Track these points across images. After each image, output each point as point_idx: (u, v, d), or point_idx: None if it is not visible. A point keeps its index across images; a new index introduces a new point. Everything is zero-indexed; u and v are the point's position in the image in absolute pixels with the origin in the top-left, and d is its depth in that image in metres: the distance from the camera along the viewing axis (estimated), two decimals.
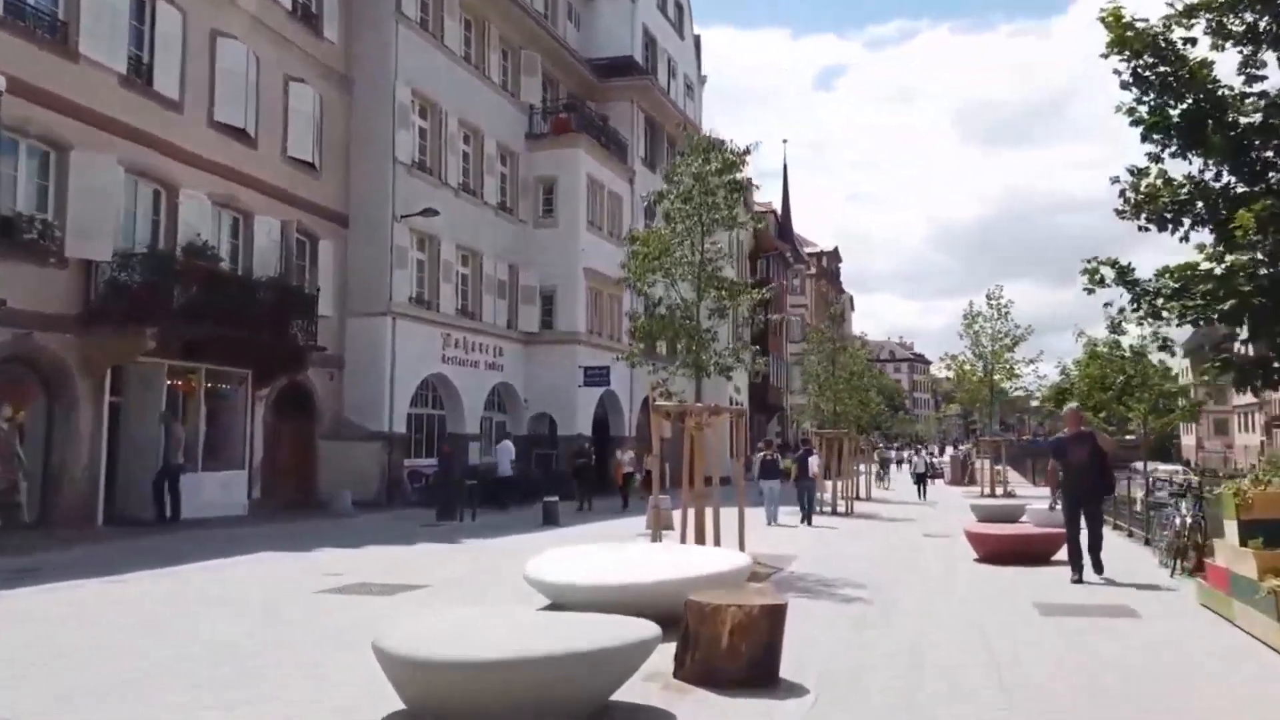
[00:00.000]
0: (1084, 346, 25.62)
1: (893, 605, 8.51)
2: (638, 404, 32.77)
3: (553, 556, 7.56)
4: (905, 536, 16.27)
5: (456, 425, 25.36)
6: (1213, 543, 10.44)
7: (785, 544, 14.50)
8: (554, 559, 7.46)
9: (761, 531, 16.96)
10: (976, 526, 13.20)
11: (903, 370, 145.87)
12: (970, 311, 32.50)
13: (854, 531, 17.34)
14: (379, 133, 22.63)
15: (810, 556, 12.68)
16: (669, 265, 11.80)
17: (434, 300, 24.34)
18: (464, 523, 17.50)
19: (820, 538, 15.92)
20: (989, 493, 30.15)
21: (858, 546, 14.46)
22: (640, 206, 32.82)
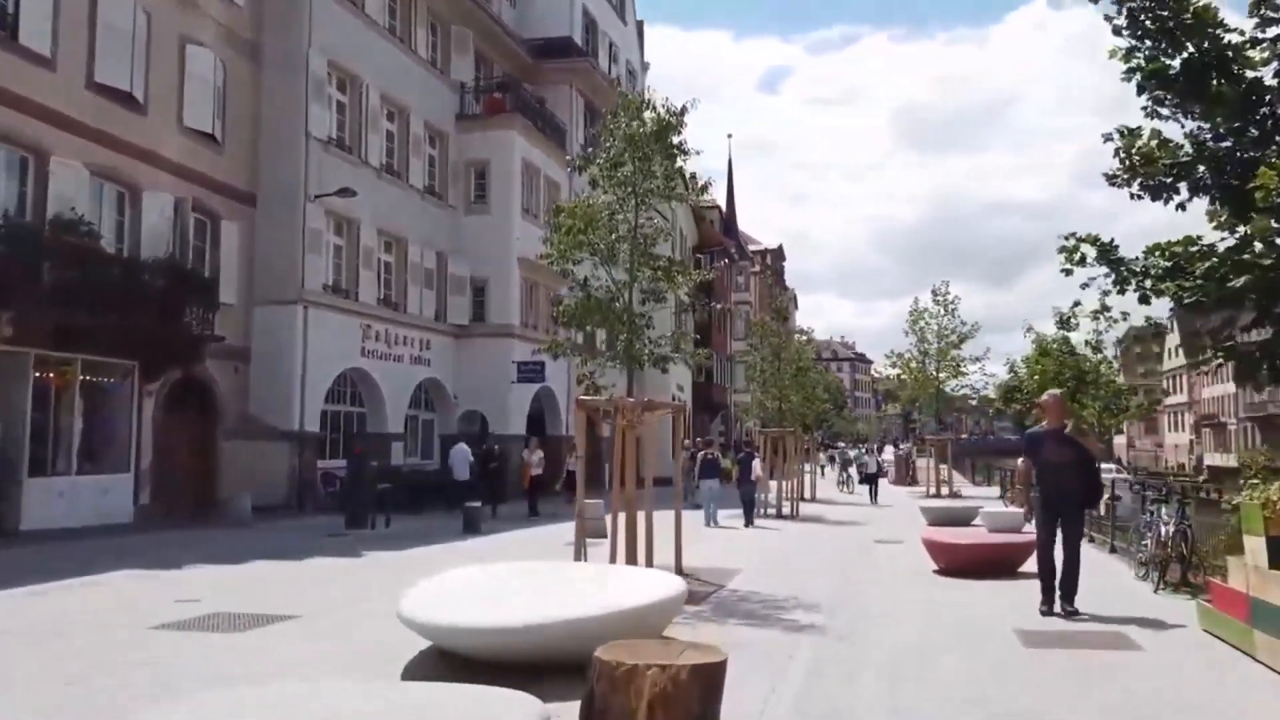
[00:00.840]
0: (1033, 343, 25.06)
1: (855, 636, 7.21)
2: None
3: (440, 585, 6.08)
4: (856, 543, 15.11)
5: (378, 424, 23.59)
6: (1206, 557, 9.51)
7: (728, 553, 13.20)
8: (441, 589, 5.98)
9: (702, 537, 15.70)
10: (933, 533, 12.04)
11: (844, 369, 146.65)
12: (916, 308, 31.79)
13: (801, 537, 16.13)
14: (291, 106, 20.76)
15: (755, 568, 11.38)
16: (597, 240, 10.37)
17: (353, 289, 22.54)
18: (375, 531, 15.84)
19: (766, 545, 14.67)
20: (935, 493, 29.37)
21: (807, 556, 13.21)
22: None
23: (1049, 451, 8.23)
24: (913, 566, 11.50)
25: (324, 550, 12.93)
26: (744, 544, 14.75)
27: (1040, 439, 8.44)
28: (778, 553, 13.50)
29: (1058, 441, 8.22)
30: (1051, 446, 8.23)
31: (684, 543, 14.45)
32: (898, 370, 32.28)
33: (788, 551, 13.72)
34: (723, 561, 11.95)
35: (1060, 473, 8.12)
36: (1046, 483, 8.29)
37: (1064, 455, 8.14)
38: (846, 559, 12.71)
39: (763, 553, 13.44)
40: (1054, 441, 8.25)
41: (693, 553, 12.70)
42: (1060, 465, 8.13)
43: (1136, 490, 12.66)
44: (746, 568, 11.40)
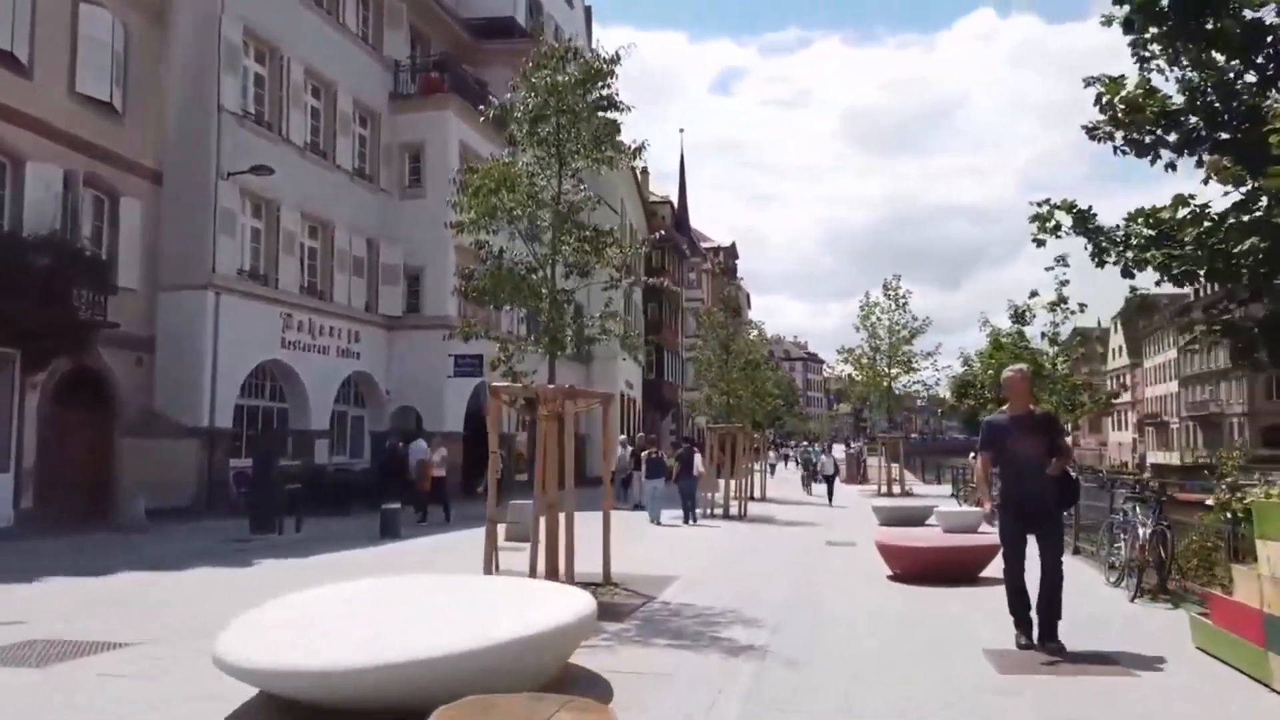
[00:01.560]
0: (988, 336, 24.37)
1: (801, 662, 6.12)
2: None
3: (275, 616, 4.83)
4: (805, 545, 14.10)
5: (301, 419, 22.05)
6: (1184, 562, 8.65)
7: (668, 557, 12.09)
8: (276, 619, 4.73)
9: (643, 538, 14.58)
10: (886, 536, 11.05)
11: (797, 369, 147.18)
12: (867, 302, 31.02)
13: (748, 539, 15.09)
14: (201, 75, 19.16)
15: (695, 576, 10.28)
16: (514, 206, 9.17)
17: (272, 275, 20.97)
18: (284, 536, 14.42)
19: (710, 547, 13.59)
20: (886, 491, 28.66)
21: (752, 560, 12.14)
22: None
23: (1014, 443, 6.45)
24: (866, 572, 10.51)
25: (214, 559, 11.52)
26: (686, 546, 13.66)
27: (1002, 428, 6.61)
28: (721, 557, 12.43)
29: (1025, 430, 6.46)
30: (1017, 437, 6.46)
31: (622, 546, 13.32)
32: (849, 366, 31.51)
33: (732, 555, 12.65)
34: (660, 567, 10.83)
35: (1029, 470, 6.38)
36: (1012, 483, 6.49)
37: (1033, 447, 6.40)
38: (795, 564, 11.67)
39: (705, 556, 12.36)
40: (1020, 430, 6.47)
41: (629, 557, 11.57)
42: (1029, 460, 6.38)
43: (1102, 487, 11.80)
44: (685, 574, 10.29)
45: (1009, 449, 6.51)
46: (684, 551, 12.94)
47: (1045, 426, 6.63)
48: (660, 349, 52.17)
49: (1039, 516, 6.45)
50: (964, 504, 21.31)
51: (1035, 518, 6.45)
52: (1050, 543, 6.48)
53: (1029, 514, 6.44)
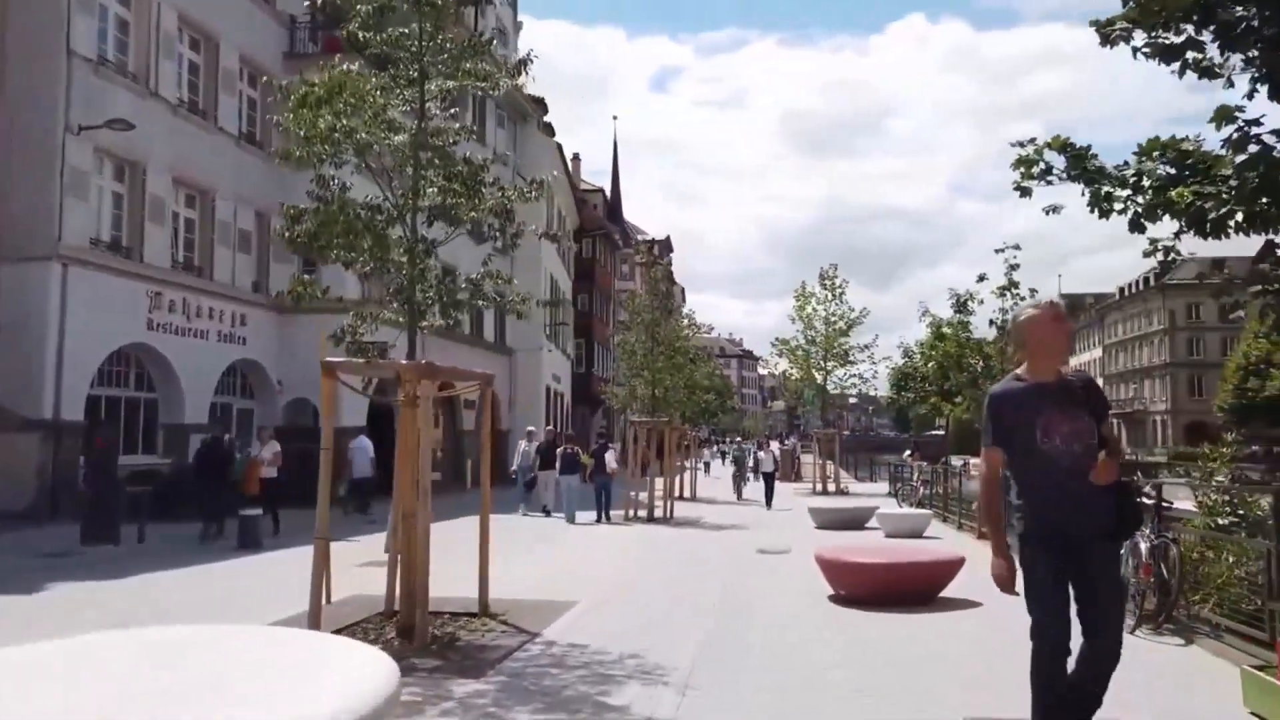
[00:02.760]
0: (929, 326, 23.15)
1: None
2: (433, 385, 27.81)
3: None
4: (733, 554, 12.35)
5: (173, 412, 19.54)
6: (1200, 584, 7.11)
7: (571, 571, 10.22)
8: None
9: (551, 546, 12.68)
10: (828, 548, 9.31)
11: (732, 366, 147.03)
12: (803, 292, 29.60)
13: (668, 546, 13.28)
14: (47, 14, 16.56)
15: (598, 598, 8.42)
16: (359, 129, 7.17)
17: (136, 247, 18.43)
18: (121, 547, 12.10)
19: (624, 557, 11.75)
20: (821, 489, 27.25)
21: (670, 575, 10.32)
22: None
23: (1046, 426, 3.78)
24: (804, 590, 8.79)
25: (5, 583, 9.23)
26: (596, 556, 11.80)
27: (1020, 404, 3.85)
28: (635, 570, 10.59)
29: (1058, 405, 3.80)
30: (1048, 417, 3.78)
31: (521, 558, 11.40)
32: (784, 360, 30.04)
33: (647, 568, 10.82)
34: (559, 586, 8.95)
35: (1067, 473, 3.73)
36: (1041, 496, 3.81)
37: (1072, 434, 3.76)
38: (719, 579, 9.89)
39: (616, 570, 10.51)
40: (1051, 405, 3.80)
41: (525, 574, 9.69)
42: (1067, 458, 3.74)
43: None
44: (587, 597, 8.42)
45: (1033, 439, 3.77)
46: (592, 564, 11.07)
47: (1088, 399, 3.84)
48: (591, 341, 50.25)
49: (1086, 549, 3.73)
50: (905, 505, 19.92)
51: (1080, 551, 3.73)
52: (1106, 595, 3.77)
53: (1070, 544, 3.73)
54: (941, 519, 17.04)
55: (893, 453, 64.68)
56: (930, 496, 19.35)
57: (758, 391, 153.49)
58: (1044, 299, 4.42)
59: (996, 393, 4.00)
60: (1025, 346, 3.97)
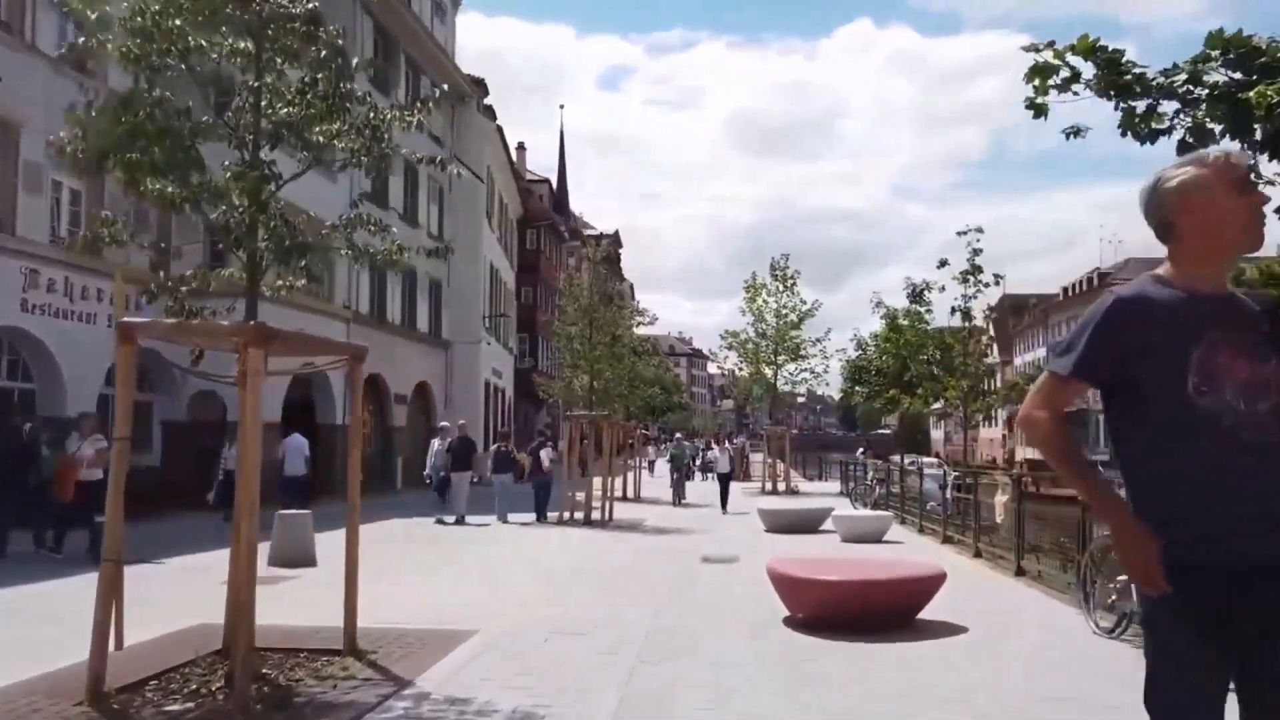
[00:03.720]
0: (883, 318, 22.13)
1: None
2: (360, 379, 25.90)
3: None
4: (674, 563, 10.90)
5: (53, 404, 17.48)
6: None
7: (476, 593, 8.65)
8: None
9: (452, 563, 11.05)
10: (783, 562, 7.84)
11: (681, 364, 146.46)
12: (753, 283, 28.32)
13: (601, 555, 11.77)
14: None
15: (502, 625, 6.88)
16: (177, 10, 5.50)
17: (7, 220, 16.35)
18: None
19: (547, 569, 10.21)
20: (771, 489, 25.99)
21: (594, 593, 8.78)
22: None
23: (1209, 364, 2.01)
24: (754, 613, 7.37)
25: None
26: (514, 571, 10.24)
27: (1165, 315, 2.06)
28: (557, 586, 9.07)
29: (1236, 331, 2.06)
30: (1218, 348, 2.02)
31: (430, 572, 9.83)
32: (733, 352, 28.71)
33: (572, 583, 9.31)
34: (460, 610, 7.40)
35: (1247, 453, 1.95)
36: (1186, 496, 1.98)
37: (1258, 382, 2.01)
38: (655, 598, 8.41)
39: (533, 586, 8.98)
40: (1223, 332, 2.04)
41: (424, 594, 8.13)
42: (1246, 423, 1.97)
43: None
44: (490, 624, 6.88)
45: (1181, 383, 2.01)
46: (508, 580, 9.51)
47: (1275, 331, 2.10)
48: (535, 336, 48.52)
49: (1272, 596, 1.93)
50: (861, 506, 18.69)
51: (1261, 601, 1.93)
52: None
53: (1244, 587, 1.92)
54: (900, 521, 15.82)
55: (841, 451, 64.24)
56: (887, 497, 18.17)
57: (707, 390, 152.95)
58: (1213, 151, 2.24)
59: (1125, 296, 2.12)
60: (1175, 230, 2.14)
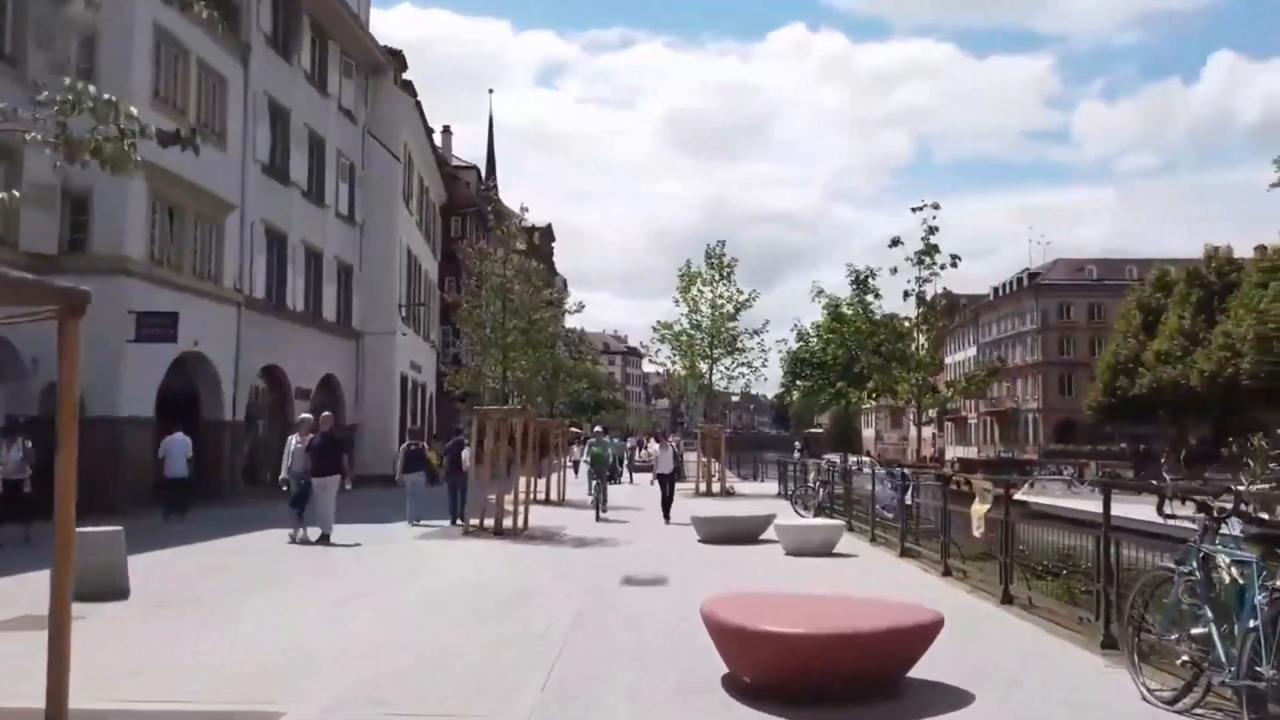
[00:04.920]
0: (824, 307, 20.54)
1: None
2: (253, 369, 23.38)
3: None
4: (587, 589, 8.93)
5: None
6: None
7: (308, 644, 6.52)
8: None
9: (293, 594, 8.81)
10: (723, 604, 5.78)
11: (616, 363, 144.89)
12: (687, 272, 26.59)
13: (498, 578, 9.67)
14: None
15: (315, 708, 4.84)
16: None
17: None
18: None
19: (417, 603, 8.07)
20: (706, 490, 24.28)
21: (469, 641, 6.62)
22: (258, 102, 23.37)
23: None
24: (683, 665, 5.50)
25: None
26: (381, 598, 8.12)
27: None
28: (424, 630, 6.97)
29: None
30: None
31: (259, 610, 7.65)
32: (666, 344, 26.92)
33: (447, 624, 7.22)
34: (273, 674, 5.33)
35: None
36: None
37: None
38: (552, 640, 6.42)
39: (393, 631, 6.89)
40: None
41: (233, 642, 6.00)
42: None
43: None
44: (305, 703, 4.84)
45: None
46: (360, 616, 7.36)
47: None
48: (459, 329, 45.99)
49: None
50: (803, 511, 17.01)
51: None
52: None
53: None
54: (849, 528, 14.13)
55: (776, 450, 63.25)
56: (832, 501, 16.53)
57: (642, 389, 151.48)
58: None
59: None
60: None
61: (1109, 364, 58.58)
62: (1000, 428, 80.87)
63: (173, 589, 8.47)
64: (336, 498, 12.51)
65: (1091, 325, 71.41)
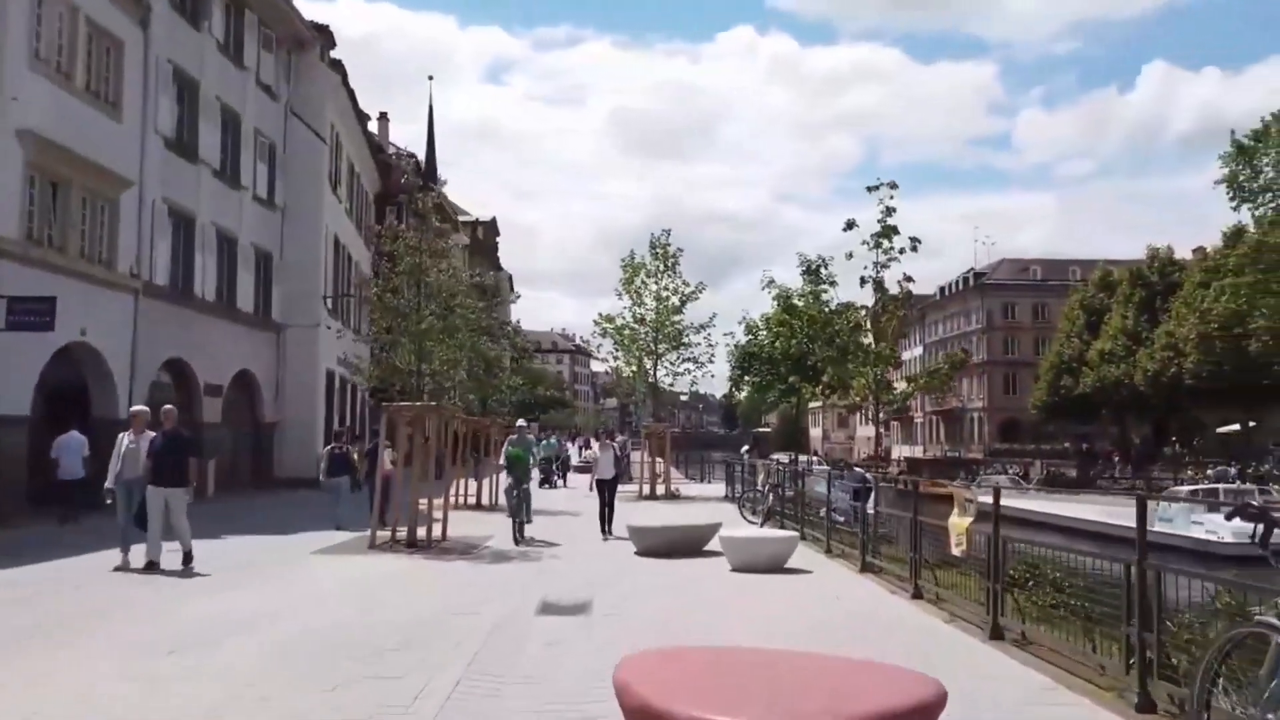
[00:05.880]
0: (775, 298, 19.26)
1: None
2: (154, 363, 21.30)
3: None
4: (492, 619, 7.41)
5: None
6: None
7: (142, 690, 4.91)
8: None
9: (97, 640, 7.09)
10: (645, 677, 4.39)
11: (565, 361, 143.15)
12: (630, 262, 25.14)
13: (388, 604, 8.07)
14: None
15: None
16: None
17: None
18: None
19: (259, 652, 6.47)
20: (650, 493, 22.88)
21: (309, 709, 4.98)
22: (161, 70, 21.30)
23: None
24: None
25: None
26: (226, 644, 6.49)
27: None
28: (264, 683, 5.36)
29: None
30: None
31: (61, 652, 5.89)
32: (608, 339, 25.40)
33: (303, 671, 5.64)
34: None
35: None
36: None
37: None
38: (422, 714, 4.89)
39: (226, 680, 5.30)
40: None
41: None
42: None
43: None
44: None
45: None
46: (178, 675, 5.69)
47: None
48: (371, 318, 43.81)
49: None
50: (753, 517, 15.67)
51: None
52: None
53: None
54: (801, 536, 12.81)
55: (724, 450, 62.37)
56: (782, 505, 15.22)
57: (590, 388, 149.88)
58: None
59: None
60: None
61: (1053, 363, 58.75)
62: (946, 427, 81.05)
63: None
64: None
65: (1036, 325, 71.77)
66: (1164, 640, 4.26)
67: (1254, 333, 36.63)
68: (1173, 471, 43.54)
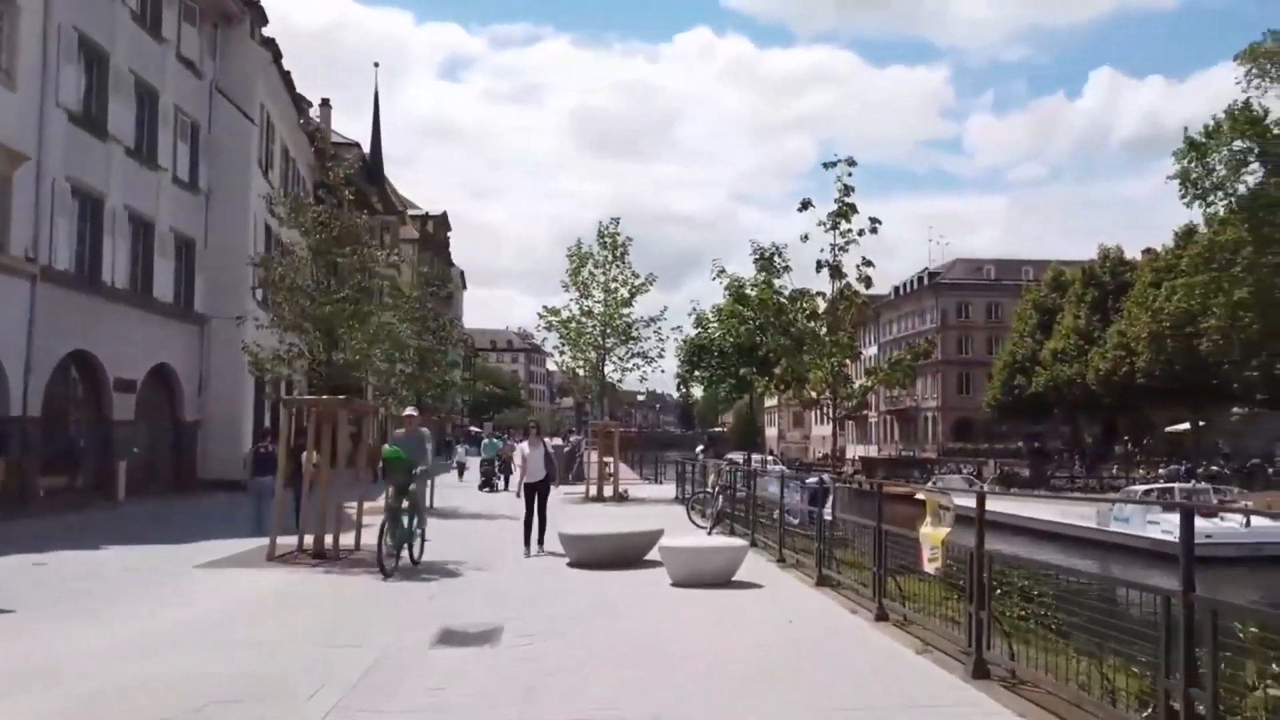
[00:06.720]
0: (727, 288, 18.12)
1: None
2: (55, 355, 19.47)
3: None
4: (374, 654, 6.12)
5: None
6: None
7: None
8: None
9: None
10: None
11: (520, 360, 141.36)
12: (578, 251, 23.82)
13: (252, 643, 6.70)
14: None
15: None
16: None
17: None
18: None
19: (82, 700, 5.16)
20: (598, 494, 21.63)
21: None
22: (65, 36, 19.51)
23: None
24: None
25: None
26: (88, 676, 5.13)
27: None
28: None
29: None
30: None
31: None
32: (553, 332, 24.04)
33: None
34: None
35: None
36: None
37: None
38: None
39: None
40: None
41: None
42: None
43: None
44: None
45: None
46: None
47: None
48: (271, 301, 41.85)
49: None
50: (702, 521, 14.48)
51: None
52: None
53: None
54: (752, 543, 11.67)
55: (680, 449, 61.37)
56: (733, 508, 14.07)
57: (546, 387, 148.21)
58: None
59: None
60: None
61: (1006, 363, 58.68)
62: (900, 426, 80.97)
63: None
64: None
65: (989, 324, 71.85)
66: (1220, 699, 3.14)
67: (1205, 332, 36.51)
68: (1125, 471, 43.43)
